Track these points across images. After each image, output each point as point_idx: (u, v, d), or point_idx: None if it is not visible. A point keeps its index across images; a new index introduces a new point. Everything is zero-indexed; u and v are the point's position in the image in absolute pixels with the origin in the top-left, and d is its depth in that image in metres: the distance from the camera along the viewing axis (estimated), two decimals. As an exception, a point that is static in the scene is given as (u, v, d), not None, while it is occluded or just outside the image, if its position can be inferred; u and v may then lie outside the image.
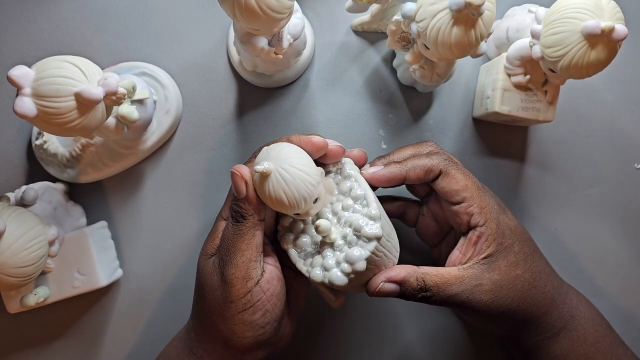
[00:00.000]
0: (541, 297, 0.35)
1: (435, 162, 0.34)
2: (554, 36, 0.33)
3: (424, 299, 0.32)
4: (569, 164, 0.45)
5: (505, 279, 0.33)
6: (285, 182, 0.28)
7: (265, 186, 0.29)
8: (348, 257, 0.30)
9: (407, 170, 0.34)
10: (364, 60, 0.44)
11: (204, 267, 0.33)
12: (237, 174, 0.31)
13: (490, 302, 0.33)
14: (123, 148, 0.40)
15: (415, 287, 0.32)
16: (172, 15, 0.43)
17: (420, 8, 0.32)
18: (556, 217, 0.44)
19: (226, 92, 0.43)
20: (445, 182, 0.34)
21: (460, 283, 0.32)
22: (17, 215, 0.32)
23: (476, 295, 0.32)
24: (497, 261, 0.33)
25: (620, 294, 0.44)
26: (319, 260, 0.31)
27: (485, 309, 0.33)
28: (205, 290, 0.33)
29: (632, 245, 0.45)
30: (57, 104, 0.28)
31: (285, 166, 0.29)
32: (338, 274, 0.30)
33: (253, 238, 0.31)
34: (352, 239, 0.31)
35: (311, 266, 0.31)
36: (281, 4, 0.29)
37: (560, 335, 0.35)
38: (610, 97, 0.45)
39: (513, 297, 0.33)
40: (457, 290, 0.32)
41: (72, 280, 0.38)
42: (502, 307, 0.33)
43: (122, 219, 0.42)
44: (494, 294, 0.33)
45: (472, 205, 0.34)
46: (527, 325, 0.35)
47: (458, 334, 0.43)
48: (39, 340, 0.42)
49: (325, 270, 0.31)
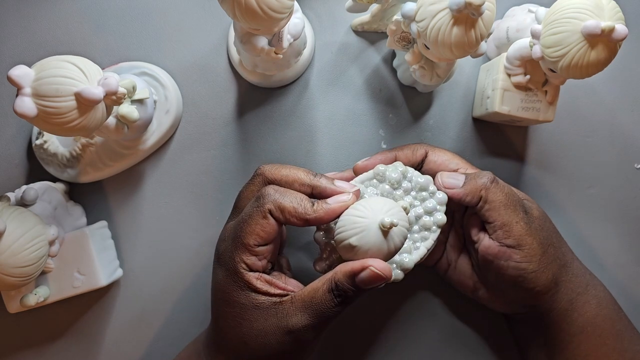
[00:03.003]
0: (565, 246, 0.37)
1: (417, 144, 0.38)
2: (554, 36, 0.33)
3: (491, 181, 0.35)
4: (569, 164, 0.45)
5: (542, 212, 0.37)
6: (402, 233, 0.30)
7: (388, 240, 0.29)
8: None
9: (396, 153, 0.37)
10: (364, 60, 0.44)
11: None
12: (378, 274, 0.29)
13: (540, 228, 0.35)
14: (123, 148, 0.40)
15: (481, 174, 0.35)
16: (172, 15, 0.43)
17: (420, 8, 0.32)
18: (556, 217, 0.44)
19: (226, 92, 0.43)
20: (435, 156, 0.37)
21: (518, 195, 0.36)
22: (17, 215, 0.33)
23: (530, 212, 0.35)
24: (529, 199, 0.37)
25: (621, 294, 0.44)
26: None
27: (539, 236, 0.34)
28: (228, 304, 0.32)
29: (632, 245, 0.45)
30: (57, 104, 0.28)
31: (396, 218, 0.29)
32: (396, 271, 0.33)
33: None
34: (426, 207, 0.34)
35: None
36: (281, 3, 0.29)
37: (589, 292, 0.36)
38: (610, 97, 0.45)
39: (553, 232, 0.36)
40: (517, 198, 0.35)
41: (72, 280, 0.38)
42: (549, 238, 0.35)
43: (122, 219, 0.42)
44: (541, 221, 0.36)
45: (467, 168, 0.37)
46: (564, 270, 0.36)
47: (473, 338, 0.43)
48: (39, 340, 0.42)
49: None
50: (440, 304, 0.43)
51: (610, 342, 0.35)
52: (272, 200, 0.30)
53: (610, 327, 0.35)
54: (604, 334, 0.35)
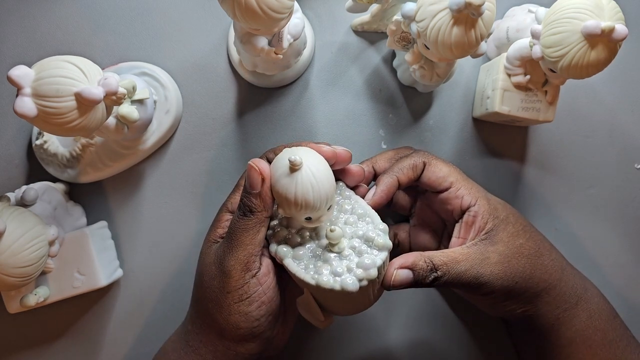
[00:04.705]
0: (551, 264, 0.35)
1: (417, 157, 0.36)
2: (554, 36, 0.33)
3: (435, 280, 0.32)
4: (569, 164, 0.45)
5: (510, 248, 0.34)
6: (314, 177, 0.29)
7: (292, 180, 0.29)
8: (361, 263, 0.30)
9: (397, 175, 0.35)
10: (364, 60, 0.44)
11: (205, 256, 0.34)
12: (255, 168, 0.31)
13: (501, 273, 0.33)
14: (123, 148, 0.40)
15: (425, 268, 0.32)
16: (172, 16, 0.43)
17: (420, 8, 0.32)
18: (556, 217, 0.44)
19: (226, 92, 0.43)
20: (431, 172, 0.35)
21: (467, 259, 0.33)
22: (17, 215, 0.33)
23: (486, 269, 0.33)
24: (498, 234, 0.34)
25: (621, 294, 0.44)
26: (326, 268, 0.31)
27: (499, 282, 0.33)
28: (204, 279, 0.33)
29: (632, 245, 0.45)
30: (57, 104, 0.28)
31: (314, 163, 0.29)
32: (349, 280, 0.30)
33: (257, 234, 0.32)
34: (361, 249, 0.31)
35: (317, 273, 0.31)
36: (281, 4, 0.29)
37: (579, 307, 0.36)
38: (610, 97, 0.45)
39: (523, 265, 0.34)
40: (466, 267, 0.32)
41: (72, 280, 0.38)
42: (515, 276, 0.33)
43: (122, 219, 0.42)
44: (502, 264, 0.33)
45: (459, 188, 0.35)
46: (545, 294, 0.35)
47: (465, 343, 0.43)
48: (39, 340, 0.42)
49: (336, 276, 0.31)
50: (440, 305, 0.43)
51: (602, 352, 0.35)
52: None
53: (601, 338, 0.35)
54: (594, 344, 0.35)
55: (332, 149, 0.32)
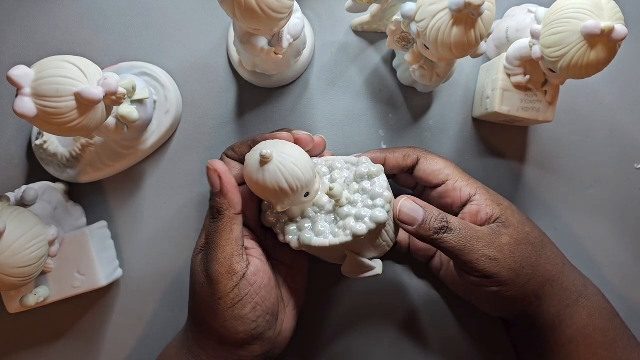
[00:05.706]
0: (553, 256, 0.36)
1: (411, 150, 0.36)
2: (554, 36, 0.33)
3: (444, 230, 0.32)
4: (569, 164, 0.45)
5: (520, 233, 0.34)
6: (284, 167, 0.29)
7: (263, 171, 0.29)
8: (374, 194, 0.32)
9: (387, 154, 0.36)
10: (364, 60, 0.44)
11: (193, 265, 0.34)
12: (211, 169, 0.31)
13: (510, 253, 0.33)
14: (123, 148, 0.40)
15: (436, 215, 0.32)
16: (172, 16, 0.43)
17: (420, 8, 0.32)
18: (556, 217, 0.44)
19: (226, 92, 0.43)
20: (426, 165, 0.36)
21: (480, 231, 0.33)
22: (17, 215, 0.33)
23: (496, 246, 0.33)
24: (509, 219, 0.34)
25: (620, 294, 0.44)
26: (349, 220, 0.31)
27: (507, 263, 0.33)
28: (196, 288, 0.33)
29: (632, 245, 0.45)
30: (57, 104, 0.28)
31: (285, 152, 0.29)
32: (378, 212, 0.31)
33: (231, 233, 0.32)
34: (364, 186, 0.32)
35: (346, 229, 0.31)
36: (281, 3, 0.29)
37: (579, 304, 0.35)
38: (610, 97, 0.45)
39: (530, 252, 0.34)
40: (478, 236, 0.32)
41: (72, 280, 0.38)
42: (522, 260, 0.33)
43: (122, 219, 0.42)
44: (512, 246, 0.33)
45: (457, 180, 0.35)
46: (549, 286, 0.35)
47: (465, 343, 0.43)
48: (39, 340, 0.42)
49: (361, 219, 0.31)
50: (439, 306, 0.43)
51: (602, 351, 0.35)
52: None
53: (601, 337, 0.35)
54: (594, 343, 0.35)
55: (290, 134, 0.33)
